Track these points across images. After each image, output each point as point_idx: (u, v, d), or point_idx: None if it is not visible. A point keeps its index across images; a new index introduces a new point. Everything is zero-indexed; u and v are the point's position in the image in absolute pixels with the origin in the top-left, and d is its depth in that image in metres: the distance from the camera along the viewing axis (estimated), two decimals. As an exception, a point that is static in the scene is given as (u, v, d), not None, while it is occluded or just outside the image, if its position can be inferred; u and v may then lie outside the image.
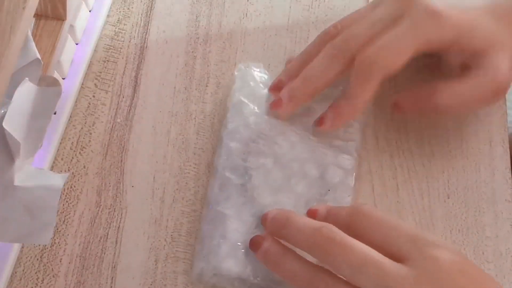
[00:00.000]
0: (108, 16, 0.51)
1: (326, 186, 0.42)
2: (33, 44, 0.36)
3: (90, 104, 0.47)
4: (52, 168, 0.45)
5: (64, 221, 0.43)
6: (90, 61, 0.49)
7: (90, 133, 0.46)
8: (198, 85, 0.49)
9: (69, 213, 0.43)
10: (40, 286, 0.41)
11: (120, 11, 0.51)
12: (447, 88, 0.42)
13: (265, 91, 0.46)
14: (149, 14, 0.52)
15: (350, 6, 0.53)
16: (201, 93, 0.48)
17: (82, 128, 0.46)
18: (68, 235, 0.43)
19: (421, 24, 0.39)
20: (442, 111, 0.43)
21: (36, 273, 0.41)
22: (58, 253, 0.42)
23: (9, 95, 0.33)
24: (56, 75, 0.44)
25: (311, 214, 0.39)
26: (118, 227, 0.43)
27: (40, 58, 0.36)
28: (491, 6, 0.41)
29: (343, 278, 0.34)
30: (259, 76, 0.47)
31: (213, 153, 0.46)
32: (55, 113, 0.45)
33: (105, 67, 0.49)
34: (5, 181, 0.35)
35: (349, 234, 0.35)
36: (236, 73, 0.47)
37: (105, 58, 0.49)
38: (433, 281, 0.32)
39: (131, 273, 0.42)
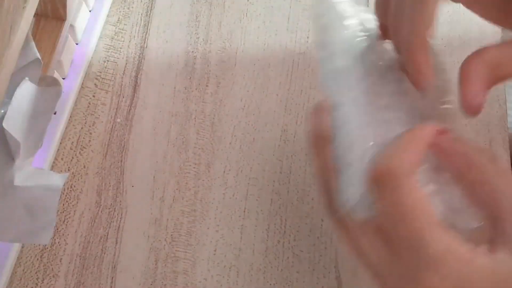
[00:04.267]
0: (108, 16, 0.51)
1: None
2: (33, 44, 0.36)
3: (90, 104, 0.47)
4: (52, 168, 0.45)
5: (64, 221, 0.43)
6: (90, 61, 0.49)
7: (90, 133, 0.46)
8: (198, 85, 0.49)
9: (69, 213, 0.43)
10: (40, 286, 0.41)
11: (120, 11, 0.51)
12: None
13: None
14: (149, 14, 0.52)
15: (350, 6, 0.53)
16: (201, 93, 0.48)
17: (82, 128, 0.46)
18: (68, 235, 0.43)
19: None
20: None
21: (36, 273, 0.41)
22: (58, 253, 0.42)
23: (9, 95, 0.33)
24: (56, 75, 0.44)
25: (441, 130, 0.34)
26: (118, 227, 0.43)
27: (40, 58, 0.36)
28: None
29: None
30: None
31: (213, 153, 0.46)
32: (55, 113, 0.45)
33: (105, 67, 0.49)
34: (5, 181, 0.35)
35: (468, 167, 0.32)
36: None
37: (105, 58, 0.49)
38: None
39: (131, 273, 0.42)
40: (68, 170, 0.45)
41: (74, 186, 0.44)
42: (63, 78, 0.46)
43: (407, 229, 0.29)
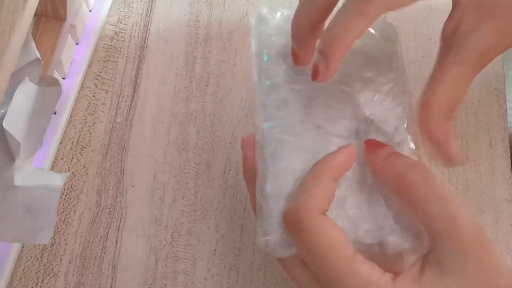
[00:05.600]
0: (108, 16, 0.51)
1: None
2: (33, 44, 0.36)
3: (90, 104, 0.47)
4: (52, 168, 0.45)
5: (64, 221, 0.43)
6: (90, 61, 0.49)
7: (90, 133, 0.46)
8: (198, 85, 0.49)
9: (69, 213, 0.43)
10: (40, 286, 0.41)
11: (120, 11, 0.51)
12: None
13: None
14: (149, 14, 0.52)
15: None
16: (201, 93, 0.48)
17: (82, 128, 0.46)
18: (68, 235, 0.43)
19: None
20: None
21: (36, 273, 0.41)
22: (58, 253, 0.42)
23: (9, 95, 0.33)
24: (56, 75, 0.44)
25: (373, 146, 0.34)
26: (118, 227, 0.43)
27: (40, 58, 0.36)
28: None
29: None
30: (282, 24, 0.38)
31: (213, 153, 0.46)
32: (55, 113, 0.45)
33: (105, 67, 0.49)
34: (5, 181, 0.35)
35: (399, 186, 0.32)
36: (253, 21, 0.38)
37: (105, 58, 0.49)
38: None
39: (131, 273, 0.42)
40: (68, 170, 0.45)
41: (74, 186, 0.44)
42: (63, 78, 0.46)
43: (325, 266, 0.30)
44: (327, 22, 0.34)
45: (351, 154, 0.33)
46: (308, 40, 0.35)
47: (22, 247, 0.42)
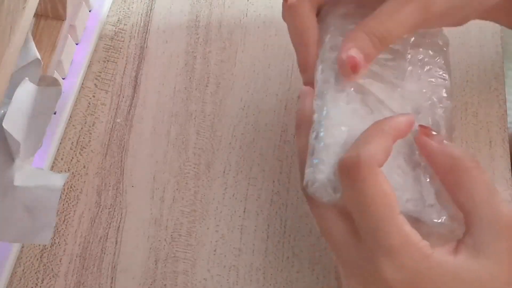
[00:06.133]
0: (108, 16, 0.51)
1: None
2: (33, 44, 0.36)
3: (90, 104, 0.47)
4: (52, 168, 0.45)
5: (64, 221, 0.43)
6: (90, 61, 0.49)
7: (90, 133, 0.46)
8: (198, 85, 0.49)
9: (69, 213, 0.43)
10: (40, 286, 0.41)
11: (120, 11, 0.51)
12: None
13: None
14: (149, 14, 0.52)
15: (350, 6, 0.52)
16: (201, 93, 0.48)
17: (82, 128, 0.46)
18: (68, 235, 0.43)
19: None
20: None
21: (36, 273, 0.41)
22: (58, 253, 0.42)
23: (9, 95, 0.33)
24: (56, 75, 0.44)
25: (429, 130, 0.35)
26: (118, 227, 0.43)
27: (40, 58, 0.36)
28: None
29: None
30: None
31: (213, 153, 0.46)
32: (55, 113, 0.45)
33: (105, 67, 0.49)
34: (5, 181, 0.35)
35: (451, 168, 0.32)
36: None
37: (105, 58, 0.49)
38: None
39: (131, 273, 0.42)
40: (68, 170, 0.45)
41: (74, 186, 0.44)
42: (63, 78, 0.46)
43: (369, 218, 0.30)
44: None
45: (410, 122, 0.34)
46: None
47: (22, 247, 0.42)
